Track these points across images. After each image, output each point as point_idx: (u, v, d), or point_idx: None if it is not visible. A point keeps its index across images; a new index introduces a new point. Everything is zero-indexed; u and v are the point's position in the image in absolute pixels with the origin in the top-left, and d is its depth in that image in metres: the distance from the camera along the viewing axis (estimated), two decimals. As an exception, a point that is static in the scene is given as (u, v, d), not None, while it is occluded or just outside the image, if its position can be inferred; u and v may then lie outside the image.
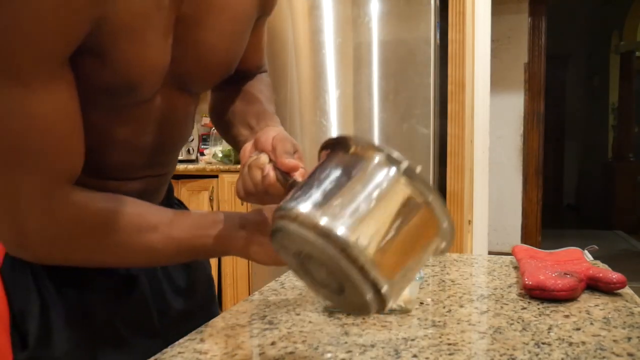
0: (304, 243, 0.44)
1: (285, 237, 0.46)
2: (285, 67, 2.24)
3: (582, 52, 7.27)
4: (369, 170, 0.44)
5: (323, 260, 0.44)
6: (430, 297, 0.79)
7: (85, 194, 0.57)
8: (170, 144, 0.72)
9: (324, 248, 0.42)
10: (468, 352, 0.58)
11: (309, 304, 0.77)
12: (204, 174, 2.75)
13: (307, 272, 0.48)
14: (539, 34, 4.09)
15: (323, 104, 2.18)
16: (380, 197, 0.43)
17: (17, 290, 0.63)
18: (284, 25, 2.23)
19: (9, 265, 0.62)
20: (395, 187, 0.44)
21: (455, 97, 2.08)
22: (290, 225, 0.44)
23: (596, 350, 0.58)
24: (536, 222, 4.17)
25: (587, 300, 0.76)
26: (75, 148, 0.55)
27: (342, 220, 0.42)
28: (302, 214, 0.43)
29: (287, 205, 0.45)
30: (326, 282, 0.46)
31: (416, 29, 2.04)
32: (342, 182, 0.45)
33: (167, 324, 0.74)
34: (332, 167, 0.46)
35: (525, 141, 4.13)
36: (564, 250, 0.95)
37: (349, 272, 0.41)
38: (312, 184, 0.46)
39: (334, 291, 0.47)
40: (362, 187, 0.44)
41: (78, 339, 0.65)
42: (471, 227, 2.26)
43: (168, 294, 0.77)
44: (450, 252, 1.28)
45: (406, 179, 0.43)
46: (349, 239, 0.41)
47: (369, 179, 0.44)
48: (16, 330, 0.62)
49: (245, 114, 0.77)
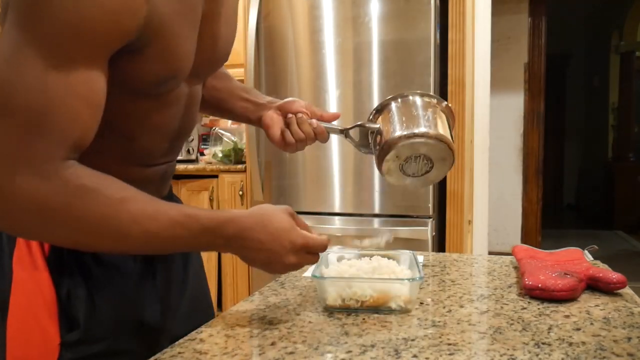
0: (421, 147, 0.81)
1: (405, 150, 0.81)
2: (285, 67, 2.24)
3: (582, 52, 7.27)
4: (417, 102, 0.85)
5: (428, 152, 0.82)
6: (430, 297, 0.79)
7: (75, 169, 0.58)
8: (188, 129, 0.80)
9: (433, 143, 0.80)
10: (468, 352, 0.58)
11: (309, 304, 0.77)
12: (204, 174, 2.75)
13: (403, 171, 0.84)
14: (539, 34, 4.09)
15: (323, 104, 2.18)
16: (430, 111, 0.84)
17: (63, 277, 0.67)
18: (284, 25, 2.23)
19: (55, 253, 0.67)
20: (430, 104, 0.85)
21: (455, 97, 2.08)
22: (415, 139, 0.80)
23: (596, 350, 0.58)
24: (536, 222, 4.17)
25: (587, 300, 0.76)
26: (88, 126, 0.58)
27: (431, 125, 0.81)
28: (419, 132, 0.80)
29: (403, 133, 0.80)
30: (418, 169, 0.84)
31: (416, 29, 2.04)
32: (410, 112, 0.84)
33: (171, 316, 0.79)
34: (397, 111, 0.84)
35: (525, 141, 4.13)
36: (564, 250, 0.95)
37: (443, 149, 0.81)
38: (397, 122, 0.83)
39: (420, 175, 0.85)
40: (423, 110, 0.84)
41: (119, 318, 0.70)
42: (471, 227, 2.26)
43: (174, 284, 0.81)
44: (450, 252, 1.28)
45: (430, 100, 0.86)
46: (440, 133, 0.81)
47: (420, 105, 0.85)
48: (64, 314, 0.67)
49: (231, 89, 0.96)
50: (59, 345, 0.66)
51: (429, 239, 2.05)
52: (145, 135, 0.71)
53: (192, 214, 0.63)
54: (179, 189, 2.81)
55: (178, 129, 0.76)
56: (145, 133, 0.70)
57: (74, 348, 0.67)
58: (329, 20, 2.16)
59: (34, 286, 0.67)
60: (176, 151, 0.81)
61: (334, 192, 2.20)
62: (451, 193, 2.12)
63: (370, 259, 0.84)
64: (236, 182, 2.67)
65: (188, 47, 0.67)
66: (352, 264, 0.81)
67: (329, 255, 0.85)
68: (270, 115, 0.91)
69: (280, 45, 2.25)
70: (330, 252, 0.87)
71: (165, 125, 0.73)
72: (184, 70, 0.69)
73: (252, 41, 2.23)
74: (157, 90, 0.68)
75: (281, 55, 2.25)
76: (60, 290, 0.67)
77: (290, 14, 2.22)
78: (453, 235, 2.12)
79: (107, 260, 0.70)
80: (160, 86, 0.67)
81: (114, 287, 0.71)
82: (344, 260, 0.85)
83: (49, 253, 0.67)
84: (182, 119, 0.76)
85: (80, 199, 0.57)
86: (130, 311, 0.72)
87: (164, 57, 0.63)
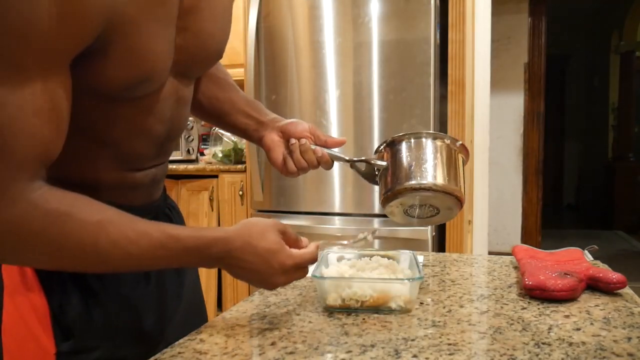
0: (427, 199, 0.79)
1: (409, 199, 0.79)
2: (285, 67, 2.24)
3: (582, 52, 7.27)
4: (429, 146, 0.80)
5: (434, 203, 0.80)
6: (430, 297, 0.79)
7: (43, 192, 0.54)
8: (178, 130, 0.77)
9: (440, 195, 0.78)
10: (468, 352, 0.58)
11: (309, 304, 0.77)
12: (204, 174, 2.75)
13: (407, 214, 0.83)
14: (539, 34, 4.09)
15: (323, 104, 2.18)
16: (442, 156, 0.79)
17: (54, 286, 0.66)
18: (284, 25, 2.23)
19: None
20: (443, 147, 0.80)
21: (455, 97, 2.08)
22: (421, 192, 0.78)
23: (596, 350, 0.58)
24: (536, 222, 4.17)
25: (587, 300, 0.76)
26: (52, 140, 0.55)
27: (439, 177, 0.78)
28: (425, 185, 0.77)
29: (410, 183, 0.78)
30: (423, 214, 0.83)
31: (416, 29, 2.04)
32: (421, 157, 0.79)
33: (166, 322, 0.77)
34: (407, 153, 0.80)
35: (525, 141, 4.13)
36: (564, 250, 0.95)
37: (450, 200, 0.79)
38: (405, 168, 0.79)
39: (426, 217, 0.84)
40: (433, 156, 0.79)
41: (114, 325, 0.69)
42: (471, 227, 2.26)
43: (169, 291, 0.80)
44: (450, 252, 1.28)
45: (443, 142, 0.81)
46: (448, 186, 0.78)
47: (431, 150, 0.79)
48: (57, 324, 0.65)
49: (234, 102, 0.91)
50: (55, 355, 0.65)
51: (429, 239, 2.05)
52: (131, 140, 0.68)
53: (174, 235, 0.60)
54: (179, 189, 2.81)
55: (166, 132, 0.73)
56: (130, 138, 0.68)
57: (70, 357, 0.66)
58: (329, 20, 2.16)
59: (24, 296, 0.65)
60: (166, 153, 0.78)
61: (334, 192, 2.20)
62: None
63: (370, 259, 0.84)
64: (236, 182, 2.67)
65: (160, 45, 0.63)
66: (352, 264, 0.81)
67: (329, 255, 0.85)
68: (272, 137, 0.87)
69: (280, 45, 2.25)
70: (330, 252, 0.87)
71: (151, 129, 0.70)
72: (158, 71, 0.64)
73: (252, 41, 2.23)
74: (132, 94, 0.64)
75: (281, 55, 2.25)
76: (52, 301, 0.65)
77: (290, 14, 2.22)
78: (453, 235, 2.12)
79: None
80: (132, 90, 0.63)
81: (108, 294, 0.69)
82: (344, 260, 0.85)
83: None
84: (170, 122, 0.72)
85: (53, 224, 0.54)
86: (125, 318, 0.71)
87: (130, 58, 0.59)
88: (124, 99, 0.63)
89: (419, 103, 2.04)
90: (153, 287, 0.75)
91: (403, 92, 2.06)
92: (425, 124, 2.04)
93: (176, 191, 2.81)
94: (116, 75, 0.59)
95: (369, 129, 2.11)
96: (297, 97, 2.23)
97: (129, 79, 0.60)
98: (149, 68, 0.62)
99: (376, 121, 2.09)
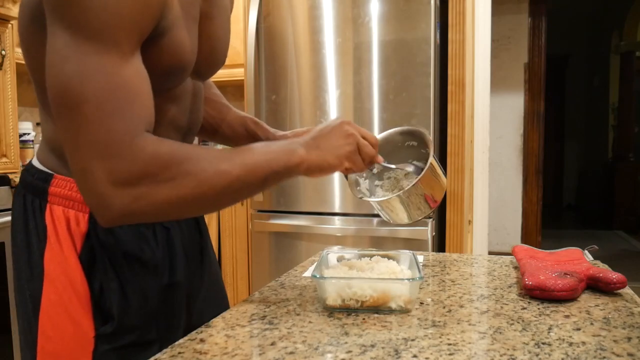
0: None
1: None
2: (285, 67, 2.24)
3: (582, 52, 7.28)
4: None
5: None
6: (430, 297, 0.79)
7: (157, 137, 0.63)
8: (197, 124, 0.85)
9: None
10: (468, 352, 0.58)
11: (309, 304, 0.77)
12: (204, 174, 2.75)
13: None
14: (539, 34, 4.09)
15: (323, 104, 2.18)
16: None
17: (96, 272, 0.72)
18: (284, 25, 2.23)
19: (88, 250, 0.72)
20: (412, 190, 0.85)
21: (455, 97, 2.08)
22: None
23: (596, 350, 0.58)
24: (536, 222, 4.17)
25: (587, 300, 0.76)
26: (150, 104, 0.63)
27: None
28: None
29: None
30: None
31: (416, 29, 2.04)
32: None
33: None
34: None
35: (525, 141, 4.13)
36: (564, 250, 0.95)
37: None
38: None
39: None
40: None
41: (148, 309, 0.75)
42: (471, 227, 2.26)
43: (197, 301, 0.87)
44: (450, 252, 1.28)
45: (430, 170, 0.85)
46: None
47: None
48: (97, 308, 0.71)
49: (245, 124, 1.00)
50: (94, 337, 0.70)
51: (429, 239, 2.05)
52: (161, 131, 0.73)
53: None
54: (179, 189, 2.81)
55: (188, 124, 0.81)
56: (160, 128, 0.73)
57: (109, 339, 0.71)
58: (329, 20, 2.16)
59: (67, 283, 0.70)
60: None
61: (334, 192, 2.20)
62: (451, 193, 2.12)
63: (370, 259, 0.84)
64: (236, 182, 2.67)
65: (193, 39, 0.71)
66: (352, 264, 0.81)
67: (329, 255, 0.85)
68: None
69: (280, 45, 2.25)
70: (330, 252, 0.87)
71: (177, 120, 0.77)
72: (191, 63, 0.72)
73: (252, 41, 2.23)
74: (167, 84, 0.71)
75: (281, 55, 2.25)
76: (93, 285, 0.71)
77: (290, 14, 2.22)
78: (453, 235, 2.12)
79: (135, 256, 0.75)
80: (170, 78, 0.70)
81: (142, 280, 0.75)
82: (344, 260, 0.85)
83: (81, 250, 0.71)
84: (190, 114, 0.80)
85: (182, 156, 0.62)
86: (157, 302, 0.77)
87: (175, 47, 0.67)
88: (156, 90, 0.68)
89: (419, 103, 2.04)
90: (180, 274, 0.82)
91: (403, 92, 2.06)
92: (426, 124, 2.04)
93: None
94: (162, 62, 0.66)
95: (368, 129, 2.10)
96: (297, 97, 2.23)
97: (171, 67, 0.68)
98: (186, 60, 0.70)
99: (376, 121, 2.09)
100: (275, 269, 2.31)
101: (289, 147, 0.71)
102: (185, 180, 0.62)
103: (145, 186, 0.60)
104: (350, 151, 0.75)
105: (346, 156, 0.75)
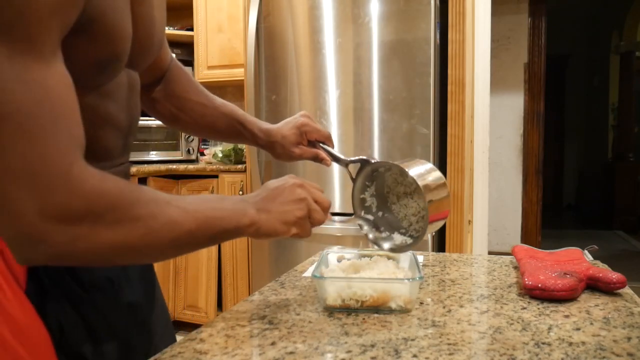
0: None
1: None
2: (285, 67, 2.24)
3: (582, 52, 7.28)
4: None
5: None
6: (430, 297, 0.79)
7: (96, 169, 0.53)
8: (136, 123, 0.78)
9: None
10: (468, 352, 0.58)
11: (309, 304, 0.77)
12: (204, 174, 2.75)
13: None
14: (539, 34, 4.09)
15: (323, 104, 2.18)
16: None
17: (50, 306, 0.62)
18: (284, 25, 2.23)
19: (33, 288, 0.61)
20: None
21: (455, 97, 2.09)
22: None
23: (596, 350, 0.58)
24: (536, 222, 4.17)
25: (587, 300, 0.76)
26: (80, 119, 0.53)
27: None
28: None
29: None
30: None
31: (416, 29, 2.04)
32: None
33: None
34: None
35: (525, 141, 4.13)
36: (564, 250, 0.95)
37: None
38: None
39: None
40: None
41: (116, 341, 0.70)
42: (471, 227, 2.26)
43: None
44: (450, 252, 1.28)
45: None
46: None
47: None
48: (61, 351, 0.63)
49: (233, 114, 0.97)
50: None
51: (429, 238, 2.05)
52: (98, 131, 0.66)
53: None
54: (179, 189, 2.81)
55: (128, 122, 0.73)
56: (97, 128, 0.66)
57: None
58: (329, 20, 2.16)
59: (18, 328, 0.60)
60: (129, 150, 0.78)
61: (334, 192, 2.20)
62: (451, 193, 2.12)
63: (370, 259, 0.84)
64: (236, 182, 2.67)
65: (127, 23, 0.62)
66: (352, 264, 0.81)
67: (329, 255, 0.85)
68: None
69: (280, 45, 2.25)
70: (330, 252, 0.87)
71: (115, 118, 0.69)
72: (126, 51, 0.64)
73: (252, 41, 2.23)
74: (100, 78, 0.63)
75: (281, 55, 2.25)
76: (51, 321, 0.62)
77: (290, 14, 2.22)
78: (453, 235, 2.12)
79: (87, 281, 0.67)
80: (105, 71, 0.62)
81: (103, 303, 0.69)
82: (344, 260, 0.85)
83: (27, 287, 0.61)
84: (128, 110, 0.73)
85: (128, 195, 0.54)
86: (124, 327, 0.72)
87: (108, 34, 0.58)
88: (89, 86, 0.62)
89: (419, 103, 2.04)
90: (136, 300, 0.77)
91: (403, 92, 2.06)
92: (426, 124, 2.04)
93: (176, 191, 2.81)
94: (93, 54, 0.58)
95: (368, 130, 2.11)
96: (297, 97, 2.23)
97: (103, 58, 0.60)
98: (121, 48, 0.62)
99: (376, 121, 2.09)
100: (275, 269, 2.31)
101: (241, 206, 0.66)
102: (134, 226, 0.54)
103: (87, 226, 0.51)
104: (299, 217, 0.72)
105: (294, 222, 0.71)
